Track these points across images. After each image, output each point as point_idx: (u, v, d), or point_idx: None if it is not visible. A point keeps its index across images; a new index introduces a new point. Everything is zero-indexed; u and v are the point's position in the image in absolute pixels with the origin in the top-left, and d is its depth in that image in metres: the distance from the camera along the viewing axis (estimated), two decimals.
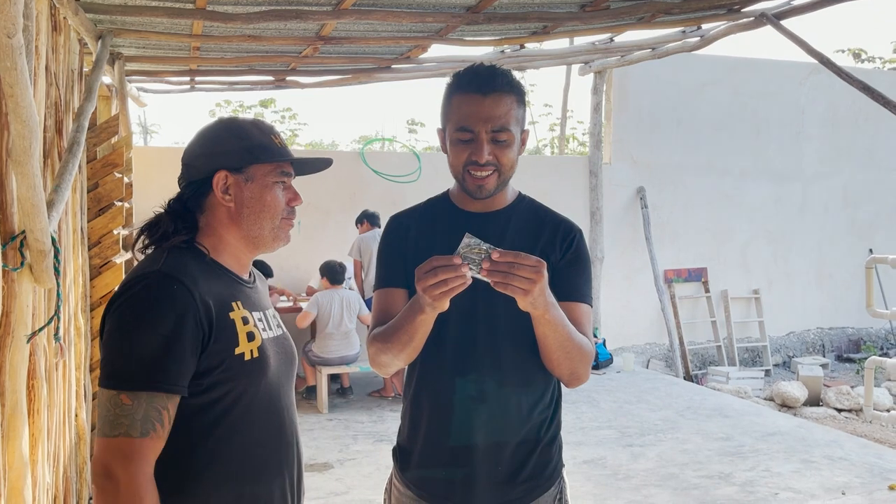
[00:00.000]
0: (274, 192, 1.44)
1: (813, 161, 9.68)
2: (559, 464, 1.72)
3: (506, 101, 1.57)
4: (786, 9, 5.01)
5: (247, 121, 1.48)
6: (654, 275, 8.64)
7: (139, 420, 1.25)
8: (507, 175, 1.62)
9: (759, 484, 4.51)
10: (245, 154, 1.41)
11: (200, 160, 1.43)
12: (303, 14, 4.26)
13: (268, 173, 1.43)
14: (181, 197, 1.45)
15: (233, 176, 1.41)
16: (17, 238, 2.08)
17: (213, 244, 1.44)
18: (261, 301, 1.51)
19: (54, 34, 3.10)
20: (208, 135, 1.46)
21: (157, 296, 1.29)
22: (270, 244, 1.47)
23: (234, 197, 1.42)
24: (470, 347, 1.60)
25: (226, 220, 1.44)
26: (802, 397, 7.89)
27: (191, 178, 1.44)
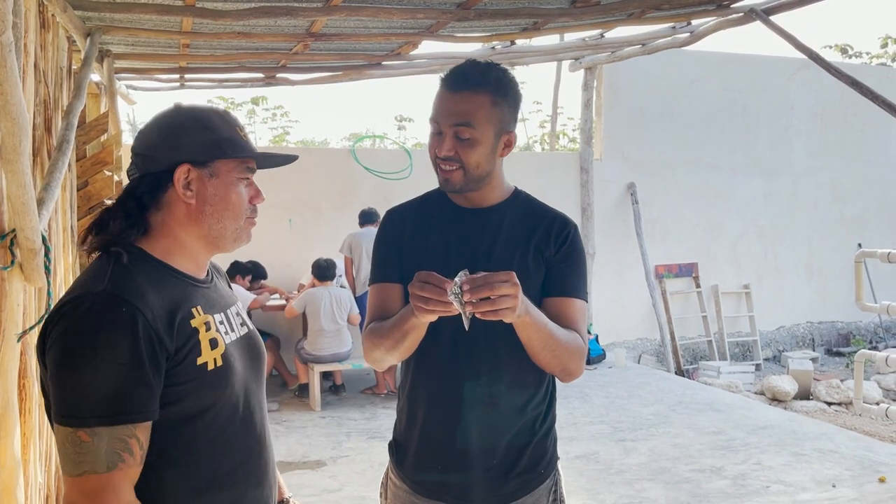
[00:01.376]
0: (238, 190, 1.32)
1: (802, 156, 9.73)
2: (554, 457, 1.73)
3: (475, 100, 1.55)
4: (774, 4, 5.03)
5: (211, 110, 1.35)
6: (645, 270, 8.67)
7: (103, 455, 1.14)
8: (475, 173, 1.60)
9: (751, 477, 4.54)
10: (211, 147, 1.29)
11: (160, 151, 1.29)
12: (293, 11, 4.24)
13: (232, 169, 1.32)
14: (134, 192, 1.30)
15: (196, 170, 1.28)
16: (7, 236, 2.07)
17: (166, 246, 1.31)
18: (222, 300, 1.40)
19: (43, 31, 3.08)
20: (170, 123, 1.31)
21: (105, 320, 1.15)
22: (231, 245, 1.35)
23: (195, 193, 1.29)
24: (465, 343, 1.59)
25: (184, 218, 1.30)
26: (793, 391, 7.95)
27: (147, 170, 1.29)
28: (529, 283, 1.60)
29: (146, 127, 1.33)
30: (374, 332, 1.62)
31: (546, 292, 1.64)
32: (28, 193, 1.92)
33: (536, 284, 1.63)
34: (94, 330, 1.15)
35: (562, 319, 1.61)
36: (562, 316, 1.62)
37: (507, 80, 1.60)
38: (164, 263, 1.29)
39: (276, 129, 13.37)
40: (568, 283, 1.65)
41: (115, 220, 1.27)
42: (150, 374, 1.17)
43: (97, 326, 1.15)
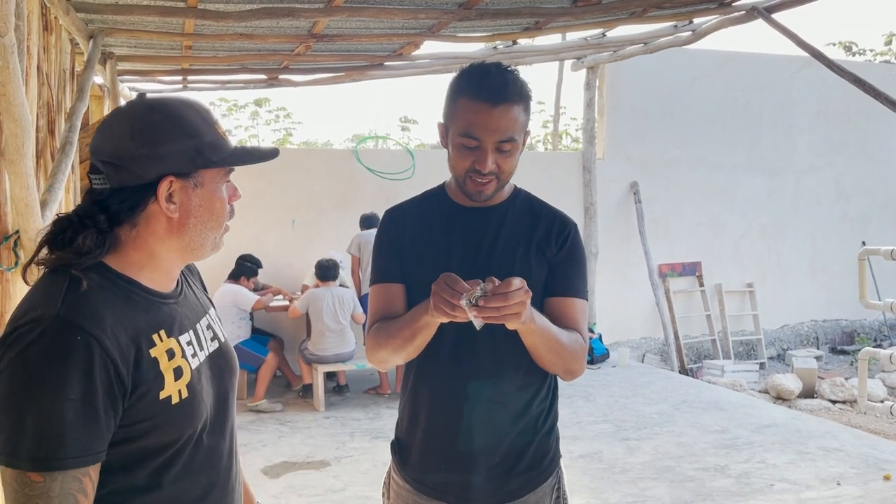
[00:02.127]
0: (222, 196, 1.21)
1: (805, 154, 9.71)
2: (557, 455, 1.73)
3: (514, 112, 1.54)
4: (777, 2, 5.03)
5: (187, 106, 1.20)
6: (648, 269, 8.66)
7: (56, 498, 1.02)
8: (507, 180, 1.63)
9: (755, 476, 4.53)
10: (196, 156, 1.16)
11: (140, 163, 1.13)
12: (295, 12, 4.25)
13: (215, 175, 1.20)
14: (106, 205, 1.14)
15: (179, 181, 1.15)
16: (10, 238, 2.08)
17: (136, 260, 1.17)
18: (192, 313, 1.27)
19: (45, 34, 3.10)
20: (146, 128, 1.14)
21: (56, 351, 1.03)
22: (208, 253, 1.25)
23: (179, 205, 1.16)
24: (468, 342, 1.60)
25: (163, 232, 1.18)
26: (797, 389, 7.93)
27: (123, 183, 1.13)
28: (531, 282, 1.60)
29: (116, 128, 1.15)
30: (379, 331, 1.62)
31: (548, 292, 1.65)
32: (32, 195, 1.93)
33: (538, 284, 1.63)
34: (41, 359, 1.03)
35: (563, 319, 1.62)
36: (563, 316, 1.63)
37: (527, 83, 1.61)
38: (128, 280, 1.16)
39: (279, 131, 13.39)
40: (569, 284, 1.66)
41: (83, 236, 1.11)
42: (102, 413, 1.05)
43: (45, 356, 1.03)
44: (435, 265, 1.63)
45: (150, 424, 1.12)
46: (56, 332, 1.04)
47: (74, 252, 1.10)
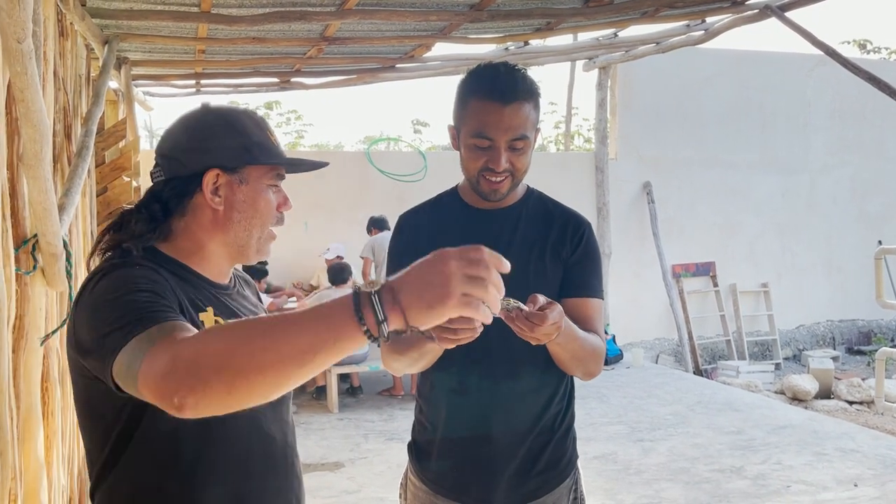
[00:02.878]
0: (267, 197, 1.26)
1: (820, 153, 9.64)
2: (574, 455, 1.73)
3: (525, 109, 1.55)
4: (790, 0, 5.00)
5: (242, 112, 1.29)
6: (661, 270, 8.62)
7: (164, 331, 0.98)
8: (521, 178, 1.63)
9: (771, 477, 4.50)
10: (242, 152, 1.23)
11: (189, 155, 1.22)
12: (307, 15, 4.27)
13: (263, 175, 1.25)
14: (159, 195, 1.23)
15: (225, 175, 1.22)
16: (29, 242, 2.10)
17: (187, 249, 1.24)
18: (243, 310, 1.31)
19: (61, 39, 3.12)
20: (198, 125, 1.25)
21: (129, 269, 1.13)
22: (253, 255, 1.28)
23: (223, 199, 1.22)
24: (484, 344, 1.59)
25: (209, 224, 1.24)
26: (813, 390, 7.87)
27: (174, 174, 1.23)
28: (546, 283, 1.61)
29: (173, 127, 1.26)
30: (392, 344, 1.63)
31: (564, 293, 1.65)
32: (49, 199, 1.95)
33: (554, 284, 1.63)
34: (116, 277, 1.11)
35: (580, 320, 1.62)
36: (580, 316, 1.62)
37: (535, 81, 1.61)
38: (178, 263, 1.23)
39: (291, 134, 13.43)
40: (585, 284, 1.66)
41: (136, 221, 1.21)
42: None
43: (119, 274, 1.12)
44: None
45: None
46: (125, 264, 1.14)
47: (129, 235, 1.20)
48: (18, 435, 2.04)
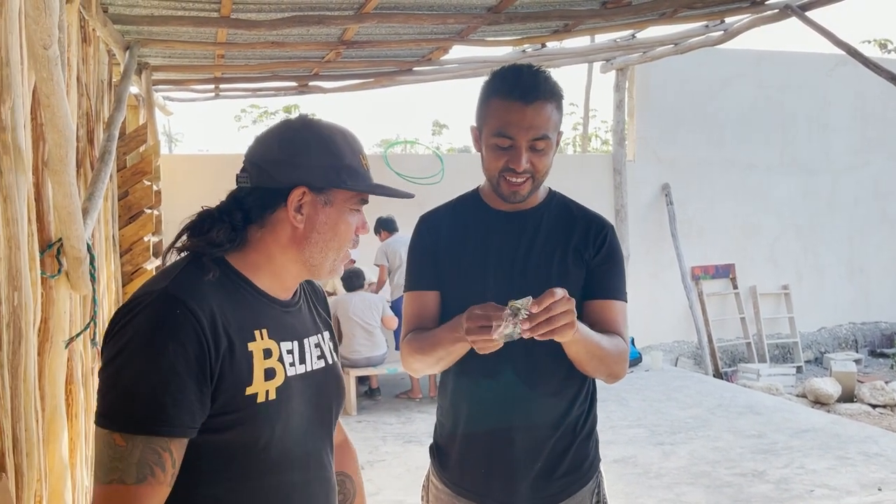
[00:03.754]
0: (348, 222, 1.25)
1: (841, 153, 9.54)
2: (596, 459, 1.72)
3: (547, 109, 1.55)
4: (810, 0, 4.95)
5: (337, 131, 1.26)
6: (681, 272, 8.57)
7: (134, 464, 1.06)
8: (541, 179, 1.62)
9: (794, 481, 4.45)
10: (332, 174, 1.21)
11: (280, 167, 1.20)
12: (325, 19, 4.29)
13: (348, 199, 1.24)
14: (243, 202, 1.22)
15: (311, 194, 1.20)
16: (54, 245, 2.13)
17: (255, 261, 1.23)
18: (301, 327, 1.29)
19: (84, 45, 3.16)
20: (293, 139, 1.23)
21: (157, 321, 1.10)
22: (326, 275, 1.27)
23: (305, 218, 1.21)
24: (507, 347, 1.57)
25: (286, 240, 1.22)
26: (836, 393, 7.78)
27: (261, 184, 1.21)
28: (570, 286, 1.60)
29: (268, 136, 1.26)
30: (414, 343, 1.63)
31: (587, 295, 1.64)
32: (74, 203, 1.97)
33: (577, 287, 1.63)
34: (144, 329, 1.10)
35: (604, 322, 1.62)
36: (604, 319, 1.63)
37: (558, 83, 1.61)
38: (243, 278, 1.21)
39: None
40: (608, 286, 1.66)
41: (218, 229, 1.19)
42: (192, 387, 1.09)
43: (148, 325, 1.10)
44: (471, 271, 1.63)
45: (233, 419, 1.14)
46: (160, 304, 1.11)
47: (207, 242, 1.19)
48: (43, 436, 2.07)
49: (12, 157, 1.74)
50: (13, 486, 1.68)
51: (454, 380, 1.69)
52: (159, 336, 1.09)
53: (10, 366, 1.74)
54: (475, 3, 4.49)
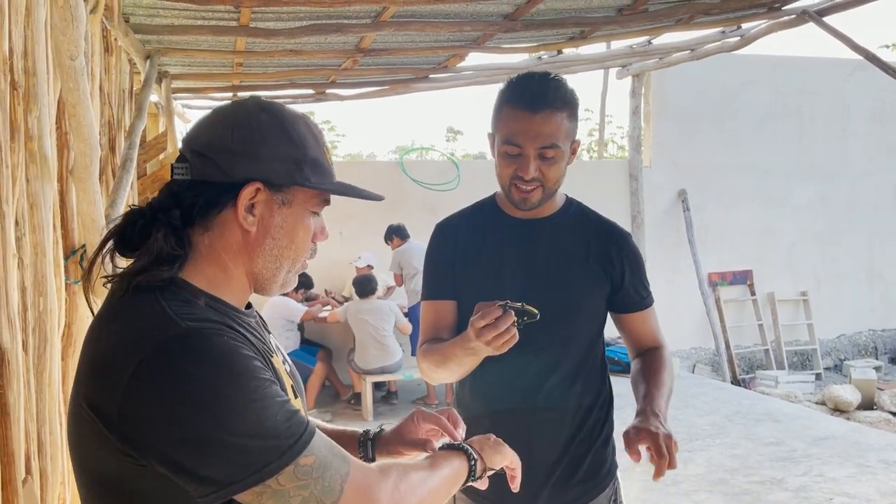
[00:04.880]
0: (307, 224, 1.07)
1: (860, 158, 9.46)
2: (613, 464, 1.72)
3: (556, 118, 1.54)
4: (828, 5, 4.93)
5: (299, 117, 1.06)
6: (697, 278, 8.53)
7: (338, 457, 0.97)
8: (553, 188, 1.61)
9: (813, 489, 4.41)
10: (293, 168, 1.02)
11: (231, 158, 0.99)
12: (343, 27, 4.33)
13: (309, 199, 1.06)
14: (182, 199, 0.99)
15: (267, 192, 1.01)
16: (77, 252, 2.17)
17: (212, 275, 1.02)
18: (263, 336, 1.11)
19: (106, 55, 3.22)
20: (247, 127, 1.01)
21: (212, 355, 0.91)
22: (276, 290, 1.09)
23: (258, 220, 1.01)
24: (528, 350, 1.58)
25: (235, 246, 1.02)
26: (855, 401, 7.70)
27: (205, 177, 0.99)
28: (591, 297, 1.63)
29: (215, 118, 1.04)
30: (429, 355, 1.64)
31: (622, 309, 1.70)
32: (97, 210, 2.01)
33: (600, 297, 1.65)
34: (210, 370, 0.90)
35: (643, 334, 1.70)
36: (642, 330, 1.70)
37: (573, 90, 1.61)
38: (213, 297, 1.01)
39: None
40: (639, 296, 1.71)
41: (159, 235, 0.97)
42: None
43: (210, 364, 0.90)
44: (488, 280, 1.64)
45: None
46: (199, 342, 0.91)
47: (153, 260, 0.96)
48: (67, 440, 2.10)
49: (38, 165, 1.78)
50: (38, 488, 1.71)
51: (471, 388, 1.70)
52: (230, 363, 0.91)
53: (35, 370, 1.78)
54: (491, 10, 4.51)
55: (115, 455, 0.92)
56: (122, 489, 0.94)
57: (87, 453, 0.96)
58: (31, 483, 1.63)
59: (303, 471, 0.92)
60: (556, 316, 1.51)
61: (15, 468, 1.54)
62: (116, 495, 0.96)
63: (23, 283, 1.70)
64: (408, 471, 1.05)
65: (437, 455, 1.17)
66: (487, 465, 1.21)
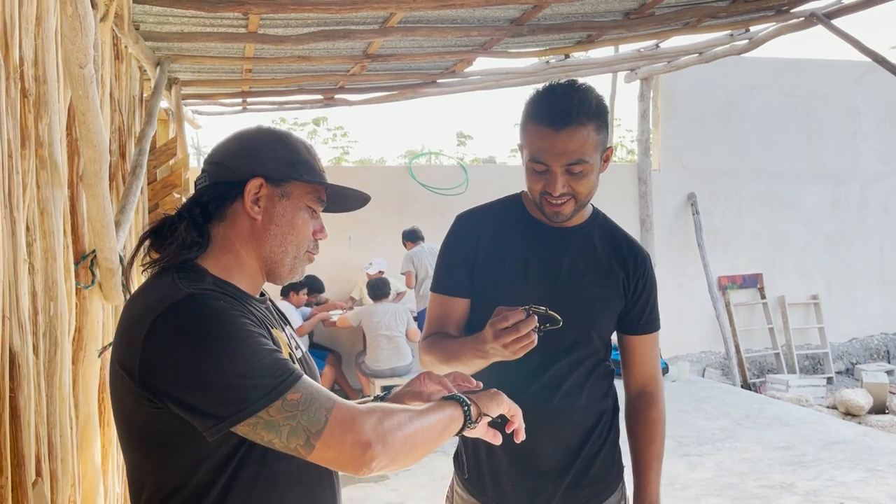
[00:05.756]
0: (304, 216, 1.27)
1: (871, 161, 9.41)
2: (621, 468, 1.73)
3: (581, 133, 1.50)
4: (836, 7, 4.92)
5: (292, 134, 1.33)
6: (707, 282, 8.50)
7: (324, 395, 1.11)
8: (585, 200, 1.59)
9: (824, 493, 4.39)
10: (288, 167, 1.25)
11: (236, 161, 1.24)
12: (351, 33, 4.35)
13: (304, 194, 1.27)
14: (201, 199, 1.24)
15: (268, 186, 1.24)
16: (87, 257, 2.19)
17: (225, 264, 1.24)
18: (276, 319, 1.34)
19: (117, 63, 3.25)
20: (251, 138, 1.28)
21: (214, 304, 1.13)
22: (286, 275, 1.29)
23: (262, 210, 1.24)
24: (535, 356, 1.56)
25: (246, 234, 1.24)
26: (867, 405, 7.65)
27: (219, 179, 1.24)
28: (608, 310, 1.63)
29: (225, 139, 1.30)
30: (434, 349, 1.63)
31: (628, 329, 1.69)
32: (107, 216, 2.03)
33: (613, 314, 1.67)
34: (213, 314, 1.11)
35: (642, 357, 1.70)
36: (642, 352, 1.70)
37: (600, 100, 1.57)
38: (226, 282, 1.22)
39: (337, 149, 13.65)
40: (650, 319, 1.71)
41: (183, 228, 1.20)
42: None
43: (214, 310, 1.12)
44: (510, 283, 1.62)
45: None
46: (200, 303, 1.12)
47: (176, 246, 1.19)
48: (77, 443, 2.12)
49: (49, 171, 1.80)
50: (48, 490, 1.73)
51: None
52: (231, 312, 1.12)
53: (46, 374, 1.80)
54: (498, 15, 4.52)
55: (139, 403, 1.13)
56: (148, 431, 1.16)
57: (120, 405, 1.19)
58: (41, 485, 1.65)
59: (290, 404, 1.08)
60: (574, 323, 1.52)
61: (25, 471, 1.56)
62: (144, 437, 1.17)
63: (33, 288, 1.72)
64: (395, 411, 1.15)
65: (430, 405, 1.25)
66: (482, 411, 1.26)
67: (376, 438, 1.09)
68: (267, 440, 1.09)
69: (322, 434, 1.08)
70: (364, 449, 1.08)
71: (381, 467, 1.11)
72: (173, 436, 1.14)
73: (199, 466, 1.15)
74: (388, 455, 1.10)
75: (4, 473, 1.45)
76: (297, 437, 1.08)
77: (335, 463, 1.10)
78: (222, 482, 1.15)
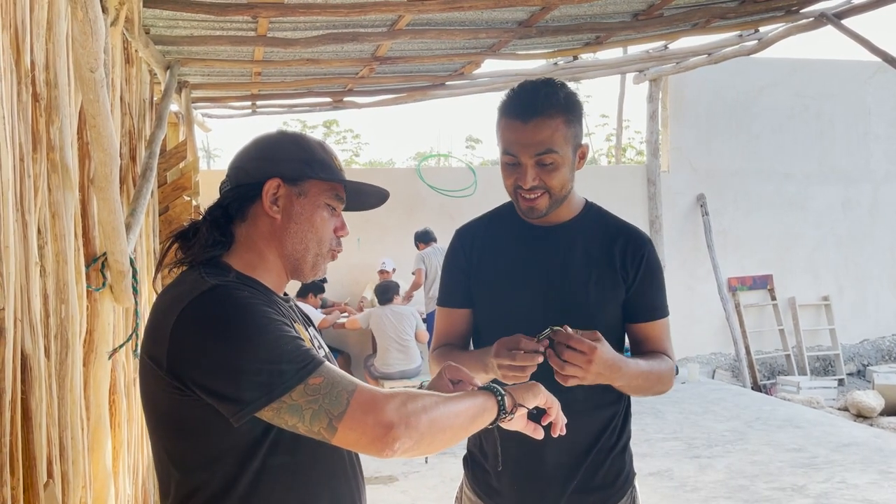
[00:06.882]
0: (323, 214, 1.30)
1: (883, 161, 9.36)
2: (631, 472, 1.71)
3: (549, 125, 1.52)
4: (846, 8, 4.90)
5: (308, 138, 1.36)
6: (717, 283, 8.47)
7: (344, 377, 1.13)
8: (560, 195, 1.59)
9: (835, 496, 4.36)
10: (303, 166, 1.28)
11: (254, 164, 1.29)
12: (359, 36, 4.37)
13: (322, 192, 1.30)
14: (222, 202, 1.29)
15: (286, 186, 1.27)
16: (98, 260, 2.20)
17: (249, 261, 1.28)
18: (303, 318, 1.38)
19: (127, 66, 3.27)
20: (267, 141, 1.33)
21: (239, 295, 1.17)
22: (308, 272, 1.32)
23: (281, 209, 1.27)
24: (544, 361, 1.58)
25: (267, 233, 1.28)
26: (879, 407, 7.59)
27: (239, 182, 1.29)
28: (608, 304, 1.61)
29: (245, 144, 1.35)
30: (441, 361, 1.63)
31: (631, 318, 1.66)
32: (118, 219, 2.04)
33: (616, 305, 1.64)
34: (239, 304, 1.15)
35: (649, 343, 1.65)
36: (649, 339, 1.65)
37: (571, 94, 1.58)
38: (250, 278, 1.26)
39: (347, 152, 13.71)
40: (652, 306, 1.67)
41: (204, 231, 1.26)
42: None
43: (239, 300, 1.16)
44: (505, 287, 1.64)
45: None
46: (224, 293, 1.17)
47: (200, 245, 1.25)
48: (88, 445, 2.13)
49: (60, 175, 1.81)
50: (60, 492, 1.74)
51: None
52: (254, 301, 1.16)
53: (57, 376, 1.81)
54: (506, 17, 4.52)
55: (168, 391, 1.17)
56: (176, 418, 1.20)
57: (149, 395, 1.23)
58: (52, 487, 1.66)
59: (312, 388, 1.10)
60: (576, 323, 1.51)
61: (37, 472, 1.57)
62: (173, 424, 1.21)
63: (45, 291, 1.73)
64: (420, 395, 1.15)
65: (462, 392, 1.26)
66: (518, 402, 1.26)
67: (399, 420, 1.09)
68: (291, 424, 1.11)
69: (344, 416, 1.09)
70: (387, 430, 1.08)
71: (406, 449, 1.11)
72: (201, 423, 1.17)
73: (227, 456, 1.18)
74: (411, 437, 1.10)
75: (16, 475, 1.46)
76: (319, 420, 1.10)
77: (358, 445, 1.11)
78: (252, 471, 1.18)
